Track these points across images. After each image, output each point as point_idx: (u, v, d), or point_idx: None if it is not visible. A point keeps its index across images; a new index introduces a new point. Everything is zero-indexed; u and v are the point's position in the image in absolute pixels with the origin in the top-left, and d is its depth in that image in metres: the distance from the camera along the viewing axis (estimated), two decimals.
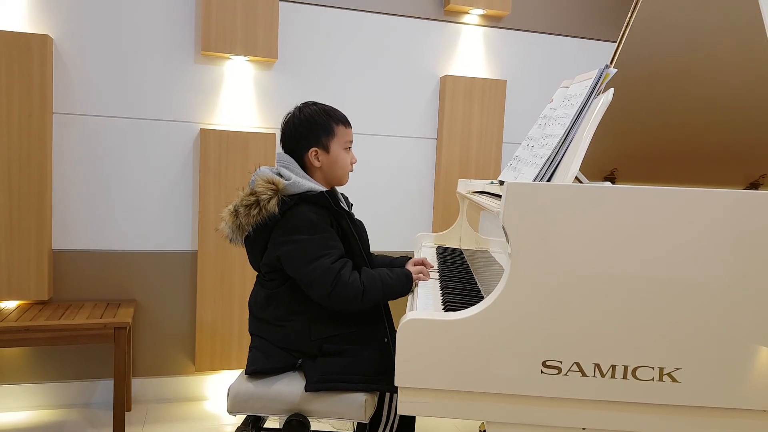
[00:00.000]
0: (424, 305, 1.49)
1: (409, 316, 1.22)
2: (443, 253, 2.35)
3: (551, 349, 1.18)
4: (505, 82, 3.27)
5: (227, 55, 2.81)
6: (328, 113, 1.72)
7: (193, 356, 2.91)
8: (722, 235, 1.15)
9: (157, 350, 2.87)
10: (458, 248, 2.56)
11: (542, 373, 1.19)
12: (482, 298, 1.54)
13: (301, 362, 1.64)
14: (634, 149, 2.06)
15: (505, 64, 3.35)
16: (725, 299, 1.16)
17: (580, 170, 1.88)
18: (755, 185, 2.08)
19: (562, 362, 1.18)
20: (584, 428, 1.22)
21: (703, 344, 1.17)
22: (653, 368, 1.18)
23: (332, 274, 1.54)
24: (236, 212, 1.63)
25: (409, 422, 1.79)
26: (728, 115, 1.89)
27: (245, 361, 1.73)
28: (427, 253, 2.35)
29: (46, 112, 2.56)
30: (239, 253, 2.83)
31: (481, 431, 2.49)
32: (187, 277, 2.88)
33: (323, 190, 1.64)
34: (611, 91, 1.36)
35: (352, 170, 1.78)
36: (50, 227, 2.66)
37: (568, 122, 1.43)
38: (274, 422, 2.07)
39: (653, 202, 1.16)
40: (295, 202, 1.60)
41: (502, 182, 1.67)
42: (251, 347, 1.72)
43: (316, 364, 1.60)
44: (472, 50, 3.28)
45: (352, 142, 1.76)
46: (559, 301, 1.17)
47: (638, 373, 1.18)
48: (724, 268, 1.16)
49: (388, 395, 1.72)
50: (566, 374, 1.18)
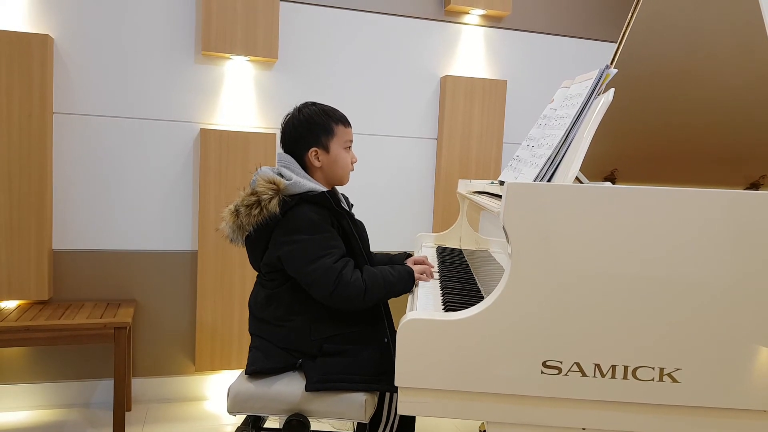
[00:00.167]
0: (424, 305, 1.49)
1: (409, 316, 1.22)
2: (443, 253, 2.35)
3: (551, 349, 1.18)
4: (505, 82, 3.27)
5: (227, 55, 2.81)
6: (327, 113, 1.72)
7: (193, 356, 2.91)
8: (722, 235, 1.15)
9: (157, 350, 2.87)
10: (458, 248, 2.56)
11: (542, 373, 1.19)
12: (482, 298, 1.54)
13: (301, 362, 1.64)
14: (634, 149, 2.06)
15: (505, 64, 3.35)
16: (725, 299, 1.16)
17: (580, 170, 1.88)
18: (755, 185, 2.08)
19: (562, 362, 1.18)
20: (584, 428, 1.22)
21: (703, 344, 1.17)
22: (653, 368, 1.18)
23: (334, 273, 1.55)
24: (237, 212, 1.63)
25: (409, 422, 1.79)
26: (728, 115, 1.89)
27: (245, 361, 1.73)
28: (427, 253, 2.35)
29: (46, 112, 2.56)
30: (239, 253, 2.83)
31: (481, 431, 2.49)
32: (187, 277, 2.88)
33: (324, 190, 1.64)
34: (611, 91, 1.36)
35: (352, 170, 1.78)
36: (50, 227, 2.66)
37: (568, 122, 1.43)
38: (274, 422, 2.07)
39: (653, 202, 1.16)
40: (296, 202, 1.60)
41: (502, 182, 1.67)
42: (251, 347, 1.72)
43: (316, 364, 1.60)
44: (472, 50, 3.28)
45: (352, 141, 1.76)
46: (559, 301, 1.17)
47: (638, 373, 1.18)
48: (724, 268, 1.16)
49: (388, 395, 1.72)
50: (566, 374, 1.19)
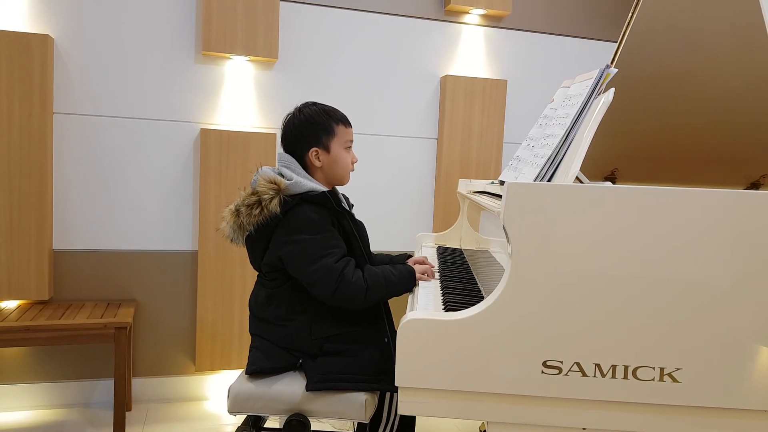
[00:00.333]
0: (424, 305, 1.49)
1: (409, 316, 1.22)
2: (444, 253, 2.35)
3: (552, 349, 1.18)
4: (505, 82, 3.27)
5: (228, 55, 2.81)
6: (327, 113, 1.72)
7: (193, 356, 2.91)
8: (722, 235, 1.15)
9: (157, 350, 2.87)
10: (459, 248, 2.56)
11: (543, 373, 1.19)
12: (483, 298, 1.54)
13: (301, 362, 1.64)
14: (634, 149, 2.06)
15: (505, 64, 3.35)
16: (726, 299, 1.16)
17: (580, 170, 1.87)
18: (755, 185, 2.08)
19: (562, 362, 1.18)
20: (585, 428, 1.22)
21: (703, 344, 1.17)
22: (654, 368, 1.18)
23: (335, 273, 1.55)
24: (238, 212, 1.63)
25: (409, 422, 1.79)
26: (728, 115, 1.89)
27: (245, 360, 1.73)
28: (427, 252, 2.35)
29: (46, 111, 2.56)
30: (239, 252, 2.83)
31: (481, 431, 2.49)
32: (187, 277, 2.88)
33: (325, 190, 1.64)
34: (612, 91, 1.36)
35: (353, 170, 1.78)
36: (50, 227, 2.66)
37: (568, 122, 1.43)
38: (274, 422, 2.06)
39: (653, 202, 1.16)
40: (296, 202, 1.60)
41: (502, 182, 1.67)
42: (252, 347, 1.72)
43: (316, 363, 1.60)
44: (472, 50, 3.28)
45: (352, 141, 1.76)
46: (559, 301, 1.17)
47: (639, 373, 1.18)
48: (724, 268, 1.16)
49: (388, 395, 1.72)
50: (567, 374, 1.18)
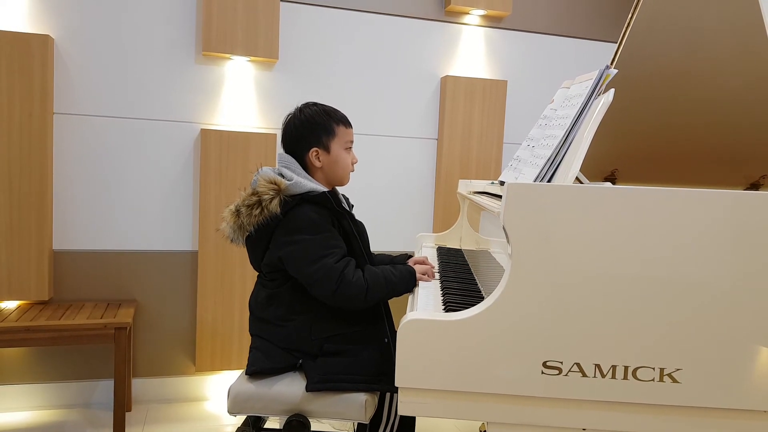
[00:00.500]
0: (424, 305, 1.49)
1: (409, 316, 1.22)
2: (443, 253, 2.35)
3: (552, 349, 1.18)
4: (505, 82, 3.27)
5: (228, 55, 2.81)
6: (328, 113, 1.73)
7: (193, 356, 2.91)
8: (722, 235, 1.15)
9: (157, 350, 2.87)
10: (459, 248, 2.56)
11: (543, 373, 1.19)
12: (483, 298, 1.54)
13: (301, 362, 1.64)
14: (634, 150, 2.06)
15: (505, 64, 3.35)
16: (726, 299, 1.16)
17: (580, 171, 1.88)
18: (755, 185, 2.08)
19: (562, 363, 1.18)
20: (584, 429, 1.22)
21: (703, 345, 1.17)
22: (654, 369, 1.18)
23: (336, 273, 1.55)
24: (238, 212, 1.63)
25: (409, 422, 1.79)
26: (728, 115, 1.89)
27: (245, 361, 1.73)
28: (427, 253, 2.35)
29: (46, 112, 2.56)
30: (239, 253, 2.83)
31: (481, 431, 2.49)
32: (187, 277, 2.88)
33: (325, 190, 1.64)
34: (612, 91, 1.36)
35: (353, 170, 1.78)
36: (50, 227, 2.66)
37: (568, 123, 1.43)
38: (274, 422, 2.06)
39: (653, 202, 1.16)
40: (297, 202, 1.60)
41: (502, 183, 1.67)
42: (252, 347, 1.72)
43: (316, 364, 1.60)
44: (472, 51, 3.28)
45: (352, 142, 1.76)
46: (559, 301, 1.17)
47: (639, 373, 1.18)
48: (724, 268, 1.16)
49: (388, 395, 1.72)
50: (567, 375, 1.19)
